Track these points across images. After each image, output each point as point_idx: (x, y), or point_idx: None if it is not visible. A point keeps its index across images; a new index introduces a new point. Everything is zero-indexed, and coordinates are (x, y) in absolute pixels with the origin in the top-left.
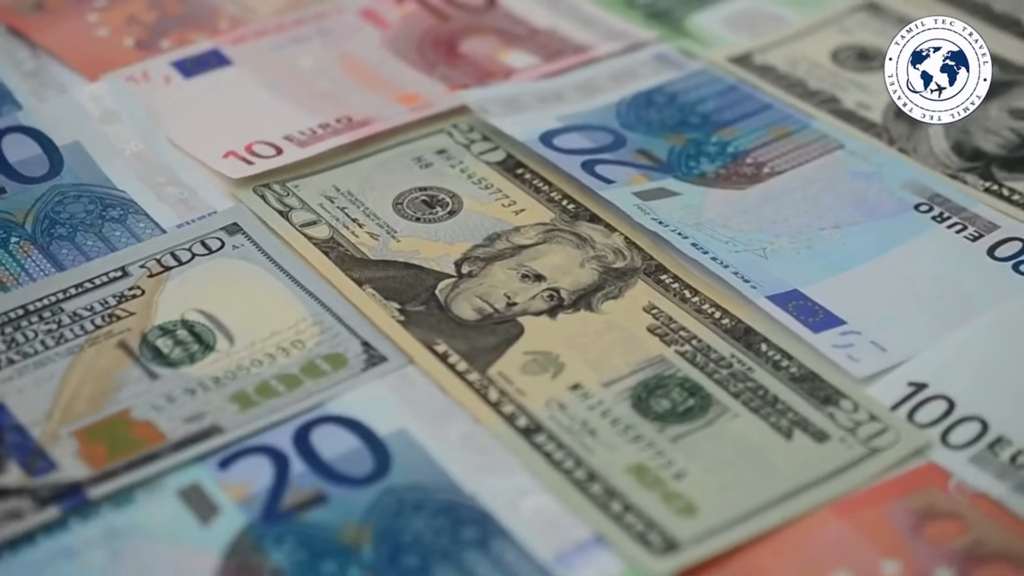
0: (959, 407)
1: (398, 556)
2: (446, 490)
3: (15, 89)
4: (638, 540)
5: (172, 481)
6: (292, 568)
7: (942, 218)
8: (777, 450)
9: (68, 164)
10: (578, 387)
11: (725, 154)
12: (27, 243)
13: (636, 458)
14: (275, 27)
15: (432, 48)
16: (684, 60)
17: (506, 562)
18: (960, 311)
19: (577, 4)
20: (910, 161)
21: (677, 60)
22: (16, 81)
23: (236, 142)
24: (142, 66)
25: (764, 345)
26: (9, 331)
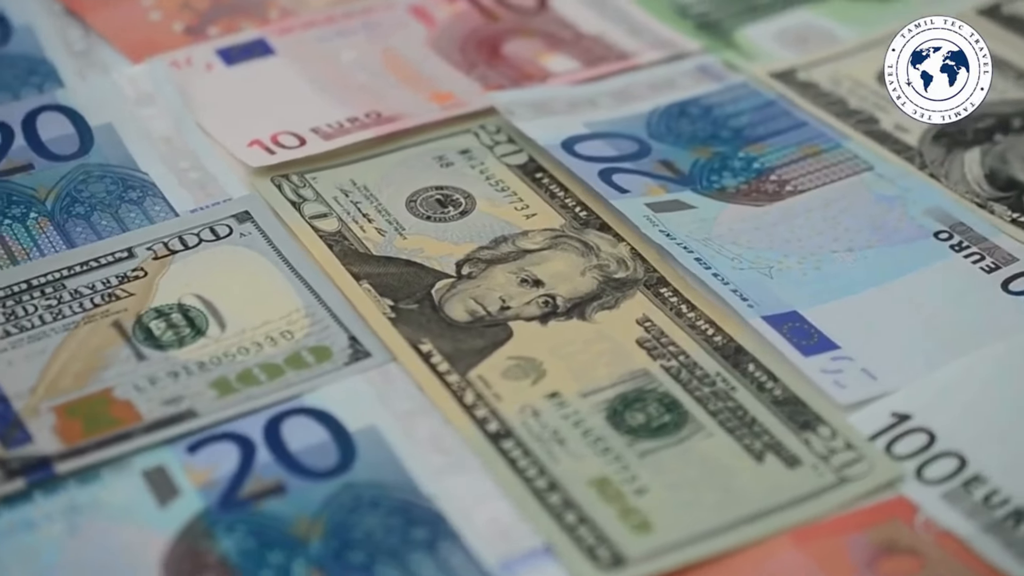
0: (940, 441)
1: (345, 552)
2: (405, 489)
3: (62, 68)
4: (586, 553)
5: (139, 461)
6: (239, 556)
7: (960, 247)
8: (746, 472)
9: (98, 144)
10: (556, 395)
11: (750, 169)
12: (44, 219)
13: (600, 471)
14: (323, 19)
15: (475, 48)
16: (726, 73)
17: (451, 565)
18: (963, 343)
19: (628, 11)
20: (938, 187)
21: (719, 72)
22: (64, 60)
23: (263, 131)
24: (186, 52)
25: (752, 365)
26: (11, 304)
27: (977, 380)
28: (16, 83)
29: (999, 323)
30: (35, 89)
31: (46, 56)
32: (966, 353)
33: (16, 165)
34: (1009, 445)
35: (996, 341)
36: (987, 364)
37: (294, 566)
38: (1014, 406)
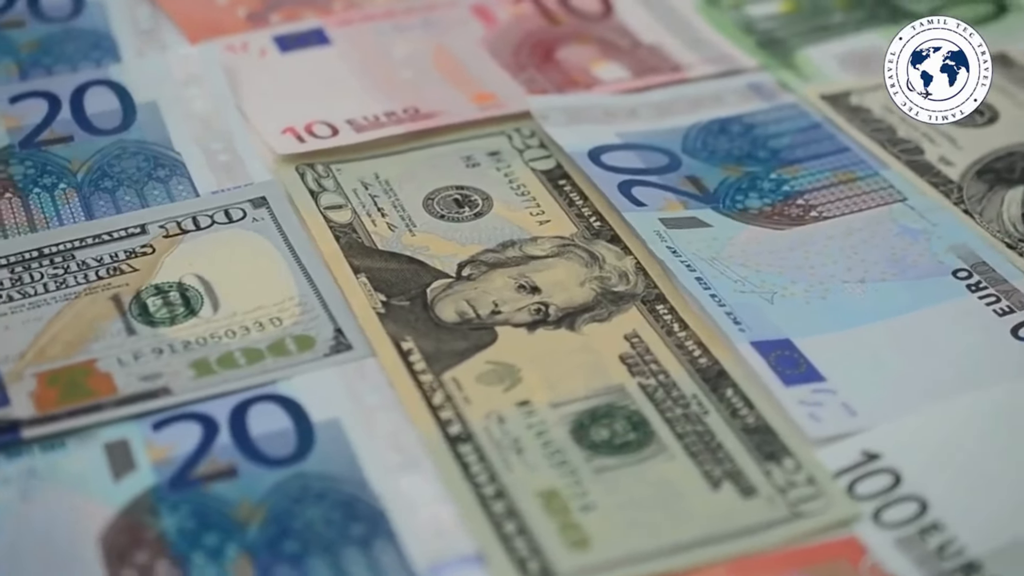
0: (905, 484)
1: (280, 540)
2: (353, 484)
3: (123, 45)
4: (516, 564)
5: (105, 434)
6: (176, 535)
7: (977, 287)
8: (698, 498)
9: (139, 121)
10: (526, 404)
11: (778, 191)
12: (72, 191)
13: (552, 483)
14: (384, 13)
15: (529, 51)
16: (777, 92)
17: (380, 564)
18: (957, 386)
19: (692, 23)
20: (969, 223)
21: (770, 91)
22: (128, 37)
23: (299, 119)
24: (244, 37)
25: (731, 391)
26: (19, 270)
27: (957, 425)
28: (76, 56)
29: (1000, 368)
30: (93, 63)
31: (111, 32)
32: (956, 396)
33: (57, 136)
34: (976, 495)
35: (991, 387)
36: (972, 410)
37: (227, 549)
38: (989, 455)
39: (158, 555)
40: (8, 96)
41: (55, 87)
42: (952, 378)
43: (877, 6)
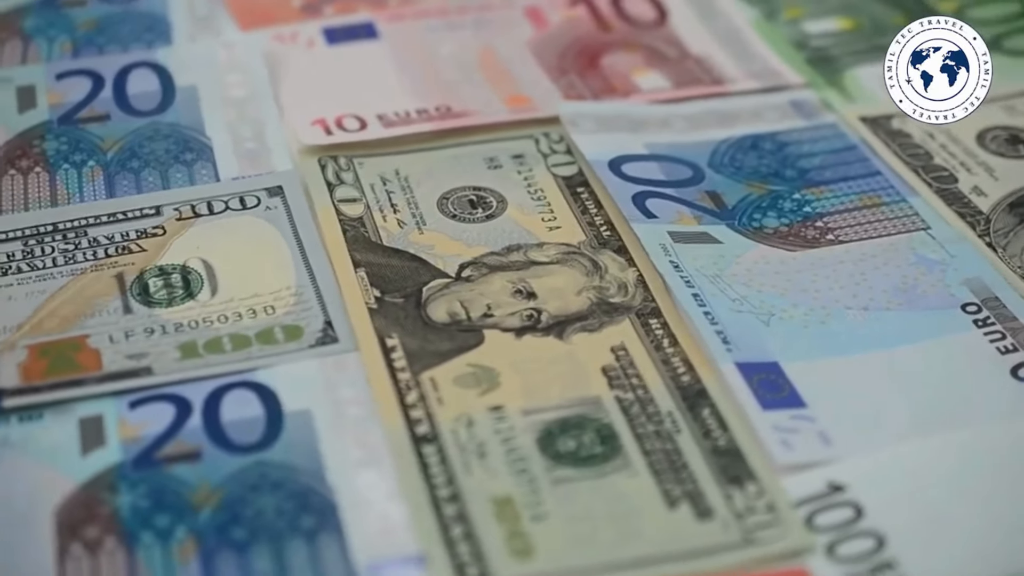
0: (865, 519)
1: (229, 527)
2: (311, 476)
3: (177, 29)
4: (455, 569)
5: (82, 408)
6: (129, 513)
7: (984, 323)
8: (653, 517)
9: (177, 104)
10: (498, 409)
11: (798, 212)
12: (99, 169)
13: (508, 490)
14: (437, 11)
15: (574, 56)
16: (818, 111)
17: (322, 558)
18: (942, 423)
19: (744, 36)
20: (989, 257)
21: (810, 110)
22: (183, 22)
23: (331, 111)
24: (293, 27)
25: (707, 411)
26: (32, 243)
27: (931, 463)
28: (129, 38)
29: (990, 408)
30: (144, 45)
31: (168, 16)
32: (939, 433)
33: (95, 114)
34: (935, 537)
35: (977, 426)
36: (950, 449)
37: (176, 531)
38: (957, 497)
39: (108, 531)
40: (56, 73)
41: (102, 66)
42: (939, 414)
43: None
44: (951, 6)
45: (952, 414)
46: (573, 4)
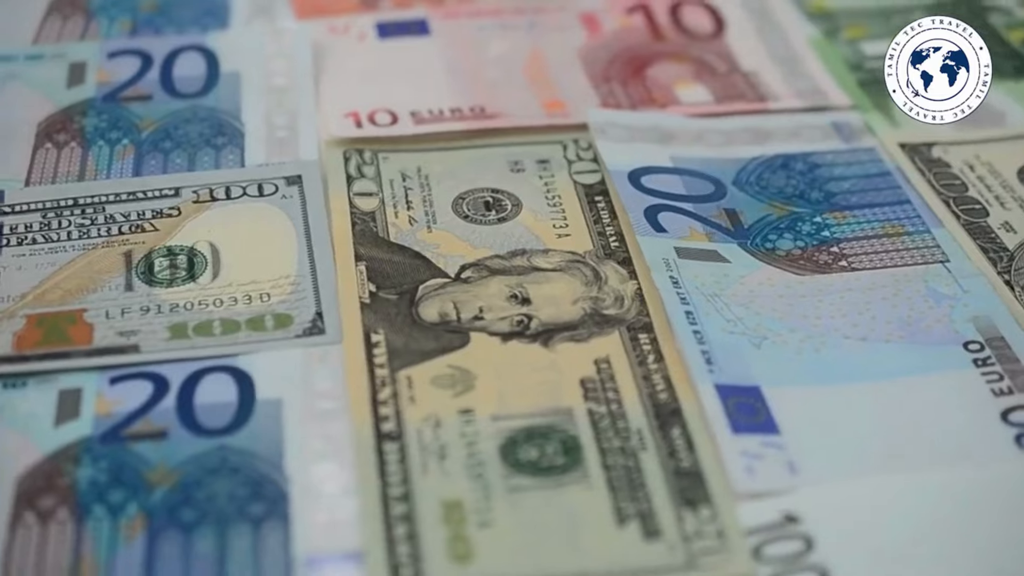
0: (814, 554)
1: (179, 508)
2: (269, 464)
3: (235, 15)
4: (390, 568)
5: (64, 380)
6: (85, 486)
7: (984, 363)
8: (599, 532)
9: (219, 89)
10: (468, 412)
11: (815, 236)
12: (131, 148)
13: (460, 494)
14: (493, 11)
15: (621, 64)
16: (859, 134)
17: (262, 546)
18: (918, 462)
19: (800, 54)
20: (1004, 296)
21: (851, 132)
22: (242, 8)
23: (366, 104)
24: (348, 20)
25: (677, 431)
26: (51, 216)
27: (894, 502)
28: (187, 21)
29: (973, 450)
30: (199, 29)
31: (229, 1)
32: (911, 472)
33: (139, 94)
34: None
35: (952, 468)
36: (919, 488)
37: (127, 507)
38: (911, 540)
39: (63, 503)
40: (108, 51)
41: (153, 47)
42: (917, 452)
43: (1004, 59)
44: (1021, 35)
45: (931, 453)
46: (630, 12)
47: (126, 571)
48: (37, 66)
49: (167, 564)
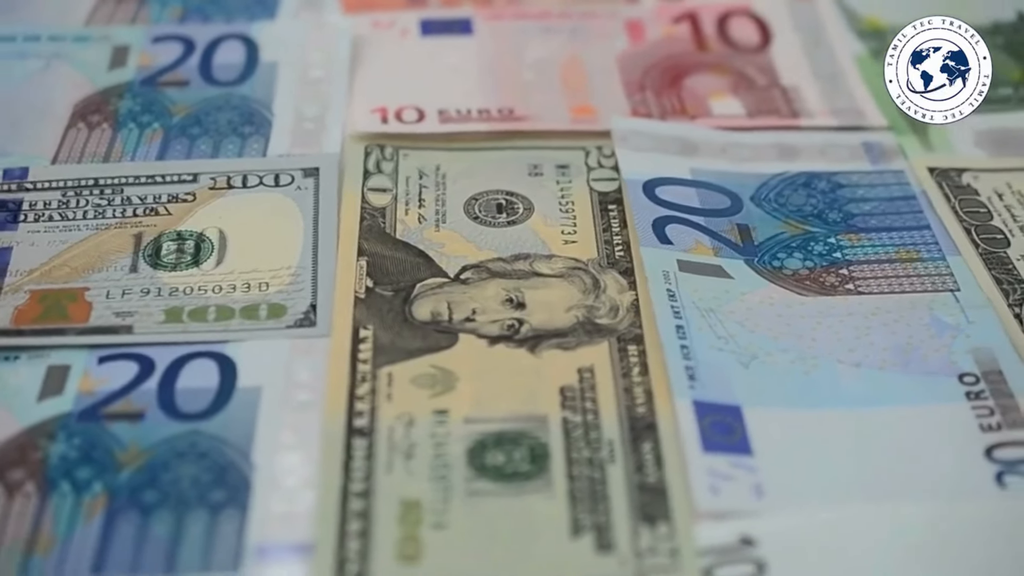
0: None
1: (143, 489)
2: (238, 452)
3: (284, 5)
4: (336, 564)
5: (55, 357)
6: (56, 461)
7: (977, 396)
8: (552, 543)
9: (255, 78)
10: (443, 413)
11: (826, 257)
12: (159, 132)
13: (419, 495)
14: (539, 13)
15: (659, 73)
16: (889, 156)
17: (218, 533)
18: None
19: (844, 71)
20: (1010, 328)
21: (881, 154)
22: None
23: (395, 101)
24: (393, 15)
25: (648, 445)
26: (71, 194)
27: (860, 532)
28: (236, 10)
29: (949, 485)
30: (247, 18)
31: None
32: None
33: (176, 79)
34: None
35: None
36: (886, 520)
37: (92, 485)
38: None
39: (31, 476)
40: (153, 36)
41: (197, 34)
42: (892, 483)
43: None
44: None
45: (907, 486)
46: (677, 21)
47: (80, 548)
48: (83, 47)
49: (121, 545)
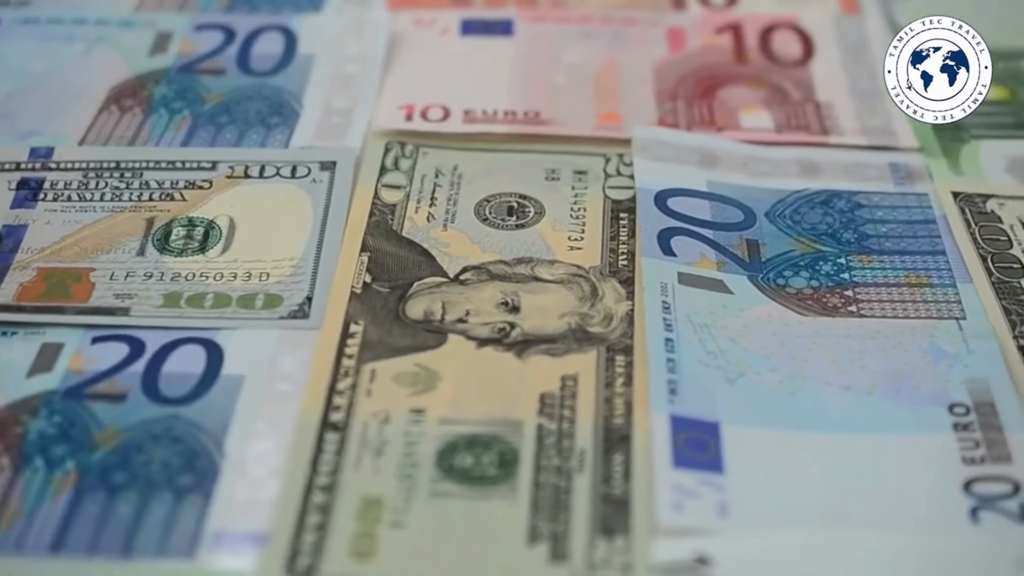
0: None
1: (113, 469)
2: (211, 438)
3: None
4: (288, 555)
5: (51, 334)
6: (34, 437)
7: (965, 428)
8: (508, 549)
9: (290, 69)
10: (420, 412)
11: (833, 277)
12: (188, 119)
13: (383, 492)
14: (581, 17)
15: (693, 83)
16: (916, 178)
17: (179, 517)
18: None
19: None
20: (1011, 361)
21: (907, 175)
22: None
23: (423, 99)
24: (436, 14)
25: (619, 457)
26: (92, 176)
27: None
28: (282, 2)
29: (922, 517)
30: (293, 10)
31: None
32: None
33: (213, 68)
34: None
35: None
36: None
37: (65, 463)
38: None
39: (7, 451)
40: (196, 24)
41: (239, 24)
42: (862, 511)
43: None
44: None
45: (878, 514)
46: (719, 31)
47: (43, 524)
48: (126, 32)
49: (83, 523)
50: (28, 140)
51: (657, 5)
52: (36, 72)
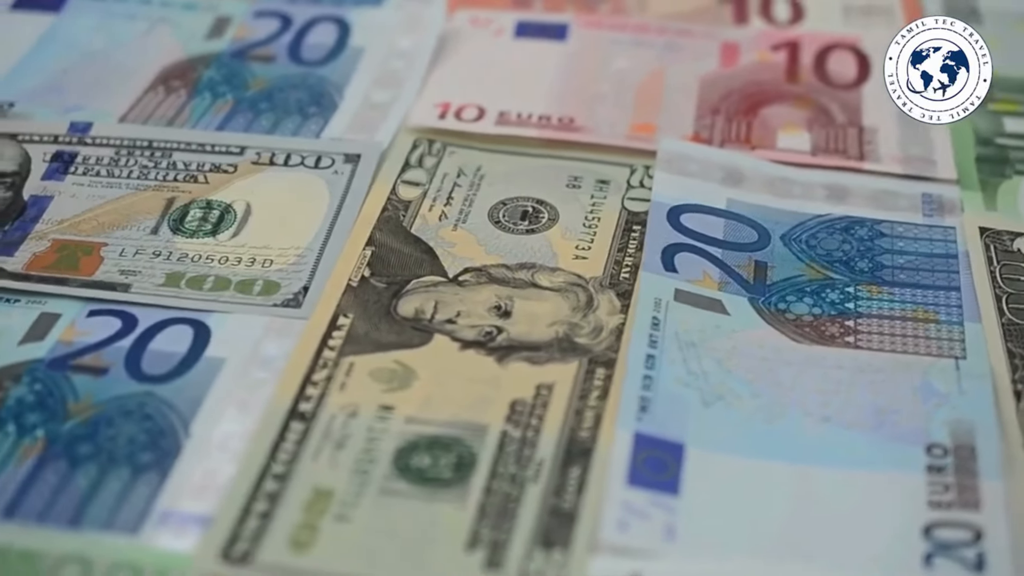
0: None
1: (80, 441)
2: (181, 417)
3: None
4: (227, 540)
5: (51, 305)
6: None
7: (939, 470)
8: (446, 553)
9: (338, 62)
10: (389, 409)
11: (836, 306)
12: (229, 103)
13: (335, 485)
14: (636, 26)
15: (738, 99)
16: (946, 211)
17: (132, 493)
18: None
19: None
20: (1004, 406)
21: (937, 207)
22: None
23: (461, 98)
24: (493, 14)
25: (576, 470)
26: (124, 153)
27: None
28: None
29: (874, 559)
30: (354, 2)
31: None
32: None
33: (264, 55)
34: None
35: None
36: None
37: (35, 431)
38: None
39: None
40: (256, 10)
41: (296, 12)
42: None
43: None
44: None
45: (829, 552)
46: (775, 48)
47: (2, 489)
48: (188, 14)
49: (38, 491)
50: (71, 114)
51: (719, 19)
52: (95, 49)
